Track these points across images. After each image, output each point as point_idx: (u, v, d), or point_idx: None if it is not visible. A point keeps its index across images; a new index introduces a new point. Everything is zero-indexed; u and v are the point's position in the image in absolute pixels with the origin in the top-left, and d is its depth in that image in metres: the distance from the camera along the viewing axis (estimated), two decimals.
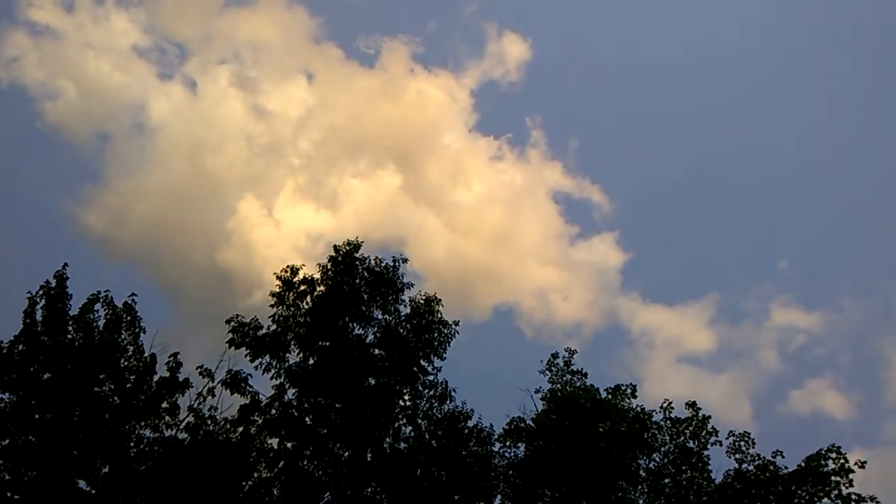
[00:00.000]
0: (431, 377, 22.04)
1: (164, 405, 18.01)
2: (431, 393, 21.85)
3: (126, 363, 17.90)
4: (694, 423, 19.65)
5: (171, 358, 18.82)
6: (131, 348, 18.08)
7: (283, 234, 53.70)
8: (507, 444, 20.73)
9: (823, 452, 18.34)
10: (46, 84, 59.28)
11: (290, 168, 60.23)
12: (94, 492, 17.02)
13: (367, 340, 22.28)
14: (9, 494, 16.33)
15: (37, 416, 16.88)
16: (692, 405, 19.97)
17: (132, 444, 17.58)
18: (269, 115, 62.04)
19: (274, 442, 20.39)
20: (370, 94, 64.20)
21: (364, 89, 64.87)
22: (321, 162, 61.02)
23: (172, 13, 64.17)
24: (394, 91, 63.63)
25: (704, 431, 19.50)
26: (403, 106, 62.50)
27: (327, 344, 21.89)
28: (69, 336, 17.87)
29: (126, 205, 54.40)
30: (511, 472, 20.29)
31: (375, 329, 22.53)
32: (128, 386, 17.69)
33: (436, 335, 22.50)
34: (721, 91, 66.68)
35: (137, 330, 18.28)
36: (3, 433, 16.63)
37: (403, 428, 21.14)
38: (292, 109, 63.89)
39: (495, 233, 59.94)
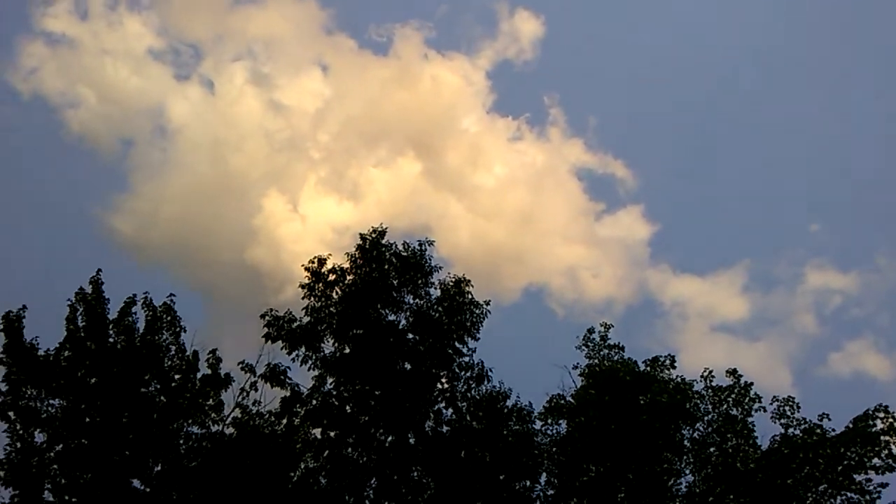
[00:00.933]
0: (467, 359, 22.07)
1: (209, 402, 18.24)
2: (468, 374, 21.88)
3: (169, 363, 18.15)
4: (736, 390, 19.52)
5: (210, 355, 19.00)
6: (173, 348, 18.31)
7: (309, 229, 54.04)
8: (549, 421, 20.76)
9: (871, 412, 18.15)
10: (67, 93, 60.14)
11: (310, 162, 60.52)
12: (148, 490, 17.37)
13: (400, 326, 22.29)
14: (66, 497, 16.71)
15: (87, 420, 17.21)
16: (733, 373, 19.84)
17: (181, 442, 17.88)
18: (286, 109, 62.27)
19: (317, 432, 20.62)
20: (385, 83, 64.06)
21: (379, 78, 64.77)
22: (341, 154, 61.23)
23: (183, 14, 64.34)
24: (408, 78, 63.38)
25: (747, 398, 19.37)
26: (419, 92, 62.26)
27: (360, 332, 21.96)
28: (111, 340, 18.11)
29: (153, 208, 55.12)
30: (554, 450, 20.34)
31: (407, 314, 22.53)
32: (173, 385, 17.96)
33: (468, 316, 22.46)
34: (741, 57, 65.27)
35: (178, 329, 18.48)
36: (57, 438, 16.98)
37: (444, 411, 21.26)
38: (309, 102, 64.12)
39: (519, 214, 59.81)
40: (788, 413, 19.07)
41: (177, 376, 18.09)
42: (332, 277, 22.45)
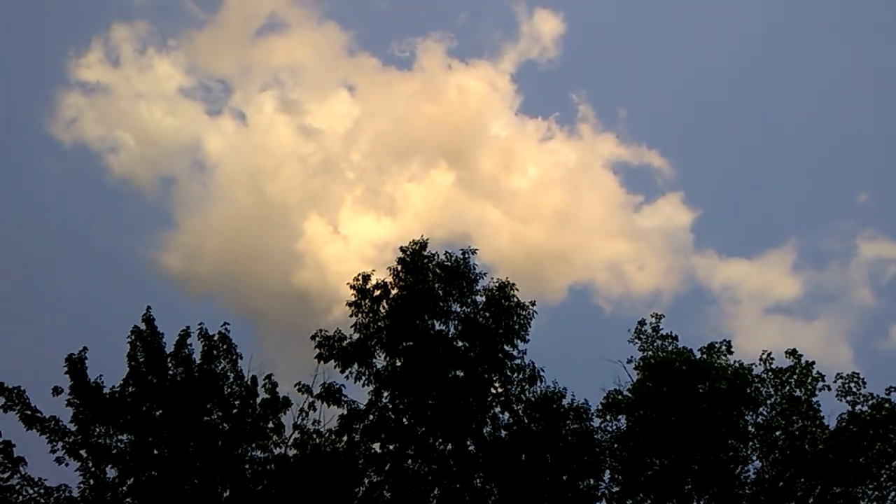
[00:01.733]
0: (518, 361, 22.07)
1: (270, 425, 18.51)
2: (520, 376, 21.87)
3: (229, 390, 18.47)
4: (797, 371, 19.10)
5: (266, 380, 19.28)
6: (231, 375, 18.61)
7: (352, 248, 54.80)
8: (608, 417, 20.59)
9: None
10: (106, 138, 62.24)
11: (346, 182, 61.56)
12: None
13: (449, 334, 22.38)
14: None
15: (156, 452, 17.61)
16: (793, 353, 19.42)
17: (247, 466, 18.14)
18: (317, 133, 63.43)
19: (377, 446, 20.79)
20: (412, 97, 64.86)
21: (405, 93, 65.57)
22: (374, 171, 62.16)
23: (209, 51, 66.07)
24: (434, 89, 64.06)
25: (810, 378, 18.94)
26: (446, 102, 62.82)
27: (410, 344, 22.10)
28: (170, 372, 18.53)
29: (199, 242, 56.58)
30: (616, 446, 20.16)
31: (455, 322, 22.61)
32: (234, 412, 18.26)
33: (515, 318, 22.48)
34: (772, 27, 63.66)
35: (234, 357, 18.82)
36: (128, 472, 17.40)
37: (500, 415, 21.26)
38: (339, 124, 65.22)
39: (557, 214, 59.73)
40: (854, 390, 18.61)
41: (237, 402, 18.39)
42: (377, 293, 22.64)
